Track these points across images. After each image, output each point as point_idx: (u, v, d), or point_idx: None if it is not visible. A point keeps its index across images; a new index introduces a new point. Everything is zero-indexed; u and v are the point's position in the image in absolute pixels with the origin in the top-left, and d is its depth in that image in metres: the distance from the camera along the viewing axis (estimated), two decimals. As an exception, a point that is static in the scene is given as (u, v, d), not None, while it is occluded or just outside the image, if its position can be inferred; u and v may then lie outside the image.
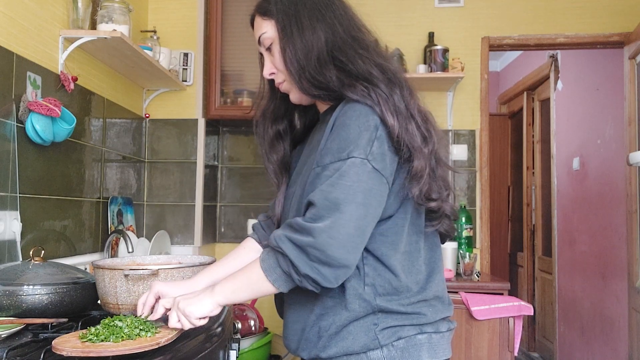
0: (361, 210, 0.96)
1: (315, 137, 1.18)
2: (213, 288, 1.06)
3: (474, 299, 2.36)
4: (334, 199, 0.95)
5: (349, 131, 1.00)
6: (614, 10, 3.03)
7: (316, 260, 0.94)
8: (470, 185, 3.09)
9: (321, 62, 1.08)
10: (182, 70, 2.86)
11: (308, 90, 1.11)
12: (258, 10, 1.16)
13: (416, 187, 1.03)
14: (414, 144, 1.02)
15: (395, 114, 1.02)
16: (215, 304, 1.05)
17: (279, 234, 0.99)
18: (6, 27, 1.70)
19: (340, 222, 0.94)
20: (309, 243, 0.94)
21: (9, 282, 1.32)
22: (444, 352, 1.09)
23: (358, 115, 1.01)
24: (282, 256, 0.98)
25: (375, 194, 0.99)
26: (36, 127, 1.73)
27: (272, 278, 0.99)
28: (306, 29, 1.09)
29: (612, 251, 3.45)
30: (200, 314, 1.04)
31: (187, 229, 2.84)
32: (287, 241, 0.97)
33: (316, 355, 1.07)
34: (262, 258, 1.01)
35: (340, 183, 0.96)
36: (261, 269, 1.00)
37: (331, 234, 0.94)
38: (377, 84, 1.04)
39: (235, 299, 1.05)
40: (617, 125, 3.36)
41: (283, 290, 1.01)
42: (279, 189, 1.24)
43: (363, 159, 0.98)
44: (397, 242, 1.06)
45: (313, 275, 0.95)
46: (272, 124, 1.26)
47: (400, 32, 3.08)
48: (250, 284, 1.03)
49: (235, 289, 1.04)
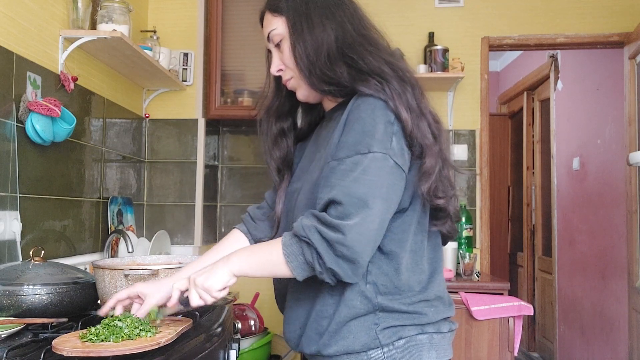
0: (385, 205, 0.98)
1: (321, 135, 1.18)
2: (228, 257, 1.04)
3: (474, 299, 2.36)
4: (360, 196, 0.95)
5: (364, 125, 1.01)
6: (614, 10, 3.03)
7: (341, 256, 0.95)
8: (470, 185, 3.09)
9: (331, 58, 1.09)
10: (182, 70, 2.86)
11: (318, 86, 1.11)
12: (268, 7, 1.17)
13: (426, 184, 1.04)
14: (426, 141, 1.04)
15: (408, 110, 1.03)
16: (231, 273, 1.03)
17: (308, 225, 0.97)
18: (6, 27, 1.70)
19: (368, 220, 0.95)
20: (338, 240, 0.94)
21: (9, 282, 1.32)
22: (445, 353, 1.09)
23: (373, 108, 1.02)
24: (307, 246, 0.97)
25: (396, 189, 1.00)
26: (36, 127, 1.73)
27: (292, 265, 0.99)
28: (316, 26, 1.10)
29: (612, 251, 3.45)
30: (220, 286, 1.03)
31: (187, 229, 2.84)
32: (316, 233, 0.96)
33: (317, 351, 1.07)
34: (284, 243, 1.00)
35: (363, 178, 0.97)
36: (282, 254, 0.99)
37: (360, 231, 0.94)
38: (390, 80, 1.05)
39: (249, 272, 1.03)
40: (617, 125, 3.36)
41: (298, 278, 1.00)
42: (280, 187, 1.24)
43: (384, 154, 0.98)
44: (404, 240, 1.06)
45: (337, 270, 0.95)
46: (276, 121, 1.26)
47: (400, 32, 3.08)
48: (267, 264, 1.02)
49: (252, 263, 1.03)
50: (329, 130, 1.14)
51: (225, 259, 1.05)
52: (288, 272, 1.00)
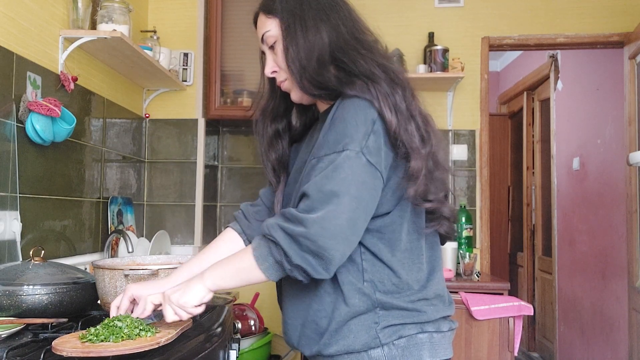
0: (354, 202, 0.97)
1: (314, 136, 1.18)
2: (202, 274, 1.05)
3: (474, 299, 2.36)
4: (327, 191, 0.96)
5: (345, 124, 1.01)
6: (614, 10, 3.03)
7: (307, 251, 0.95)
8: (470, 185, 3.09)
9: (320, 63, 1.08)
10: (182, 70, 2.86)
11: (309, 89, 1.11)
12: (262, 8, 1.17)
13: (412, 187, 1.03)
14: (412, 144, 1.03)
15: (394, 111, 1.03)
16: (206, 289, 1.04)
17: (272, 223, 0.98)
18: (6, 27, 1.70)
19: (332, 214, 0.95)
20: (300, 233, 0.94)
21: (9, 282, 1.32)
22: (445, 352, 1.09)
23: (356, 108, 1.02)
24: (274, 245, 0.98)
25: (368, 187, 0.99)
26: (36, 127, 1.73)
27: (263, 267, 0.99)
28: (310, 29, 1.10)
29: (612, 251, 3.45)
30: (195, 302, 1.04)
31: (187, 229, 2.84)
32: (279, 230, 0.97)
33: (318, 351, 1.07)
34: (254, 246, 1.01)
35: (334, 175, 0.97)
36: (253, 257, 1.00)
37: (323, 225, 0.94)
38: (378, 81, 1.05)
39: (224, 285, 1.04)
40: (617, 125, 3.36)
41: (272, 280, 1.01)
42: (277, 188, 1.24)
43: (358, 152, 0.99)
44: (394, 240, 1.06)
45: (304, 266, 0.95)
46: (272, 122, 1.26)
47: (400, 32, 3.08)
48: (240, 271, 1.02)
49: (225, 275, 1.04)
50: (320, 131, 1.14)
51: (199, 275, 1.06)
52: (261, 276, 1.00)
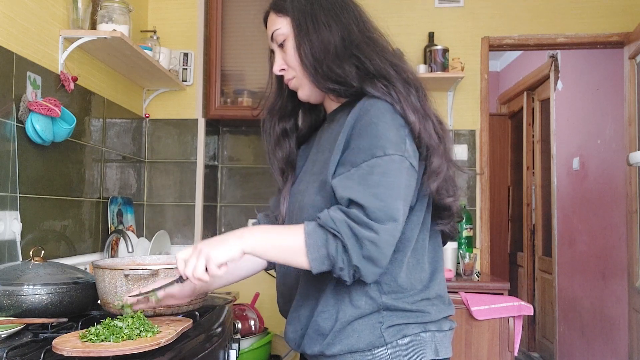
0: (406, 206, 1.00)
1: (323, 137, 1.18)
2: (242, 233, 0.99)
3: (474, 299, 2.36)
4: (385, 199, 0.96)
5: (377, 129, 1.01)
6: (614, 10, 3.03)
7: (367, 256, 0.94)
8: (470, 185, 3.09)
9: (340, 56, 1.09)
10: (182, 70, 2.86)
11: (323, 84, 1.11)
12: (273, 7, 1.17)
13: (434, 183, 1.05)
14: (432, 142, 1.05)
15: (414, 112, 1.04)
16: (241, 250, 0.98)
17: (339, 218, 0.95)
18: (6, 27, 1.70)
19: (398, 223, 0.96)
20: (370, 238, 0.93)
21: (9, 282, 1.32)
22: (446, 351, 1.10)
23: (383, 112, 1.03)
24: (334, 239, 0.95)
25: (411, 190, 1.02)
26: (36, 127, 1.73)
27: (312, 256, 0.95)
28: (322, 26, 1.11)
29: (612, 251, 3.45)
30: (224, 259, 0.97)
31: (187, 229, 2.84)
32: (347, 228, 0.94)
33: (320, 352, 1.07)
34: (308, 232, 0.96)
35: (384, 181, 0.97)
36: (304, 243, 0.96)
37: (393, 234, 0.96)
38: (394, 82, 1.06)
39: (261, 254, 1.00)
40: (617, 125, 3.35)
41: (313, 271, 0.97)
42: (284, 187, 1.24)
43: (401, 156, 1.00)
44: (411, 238, 1.07)
45: (362, 268, 0.95)
46: (279, 121, 1.26)
47: (400, 32, 3.08)
48: (284, 250, 0.99)
49: (266, 245, 0.99)
50: (332, 132, 1.14)
51: (239, 233, 1.00)
52: (304, 263, 0.97)
